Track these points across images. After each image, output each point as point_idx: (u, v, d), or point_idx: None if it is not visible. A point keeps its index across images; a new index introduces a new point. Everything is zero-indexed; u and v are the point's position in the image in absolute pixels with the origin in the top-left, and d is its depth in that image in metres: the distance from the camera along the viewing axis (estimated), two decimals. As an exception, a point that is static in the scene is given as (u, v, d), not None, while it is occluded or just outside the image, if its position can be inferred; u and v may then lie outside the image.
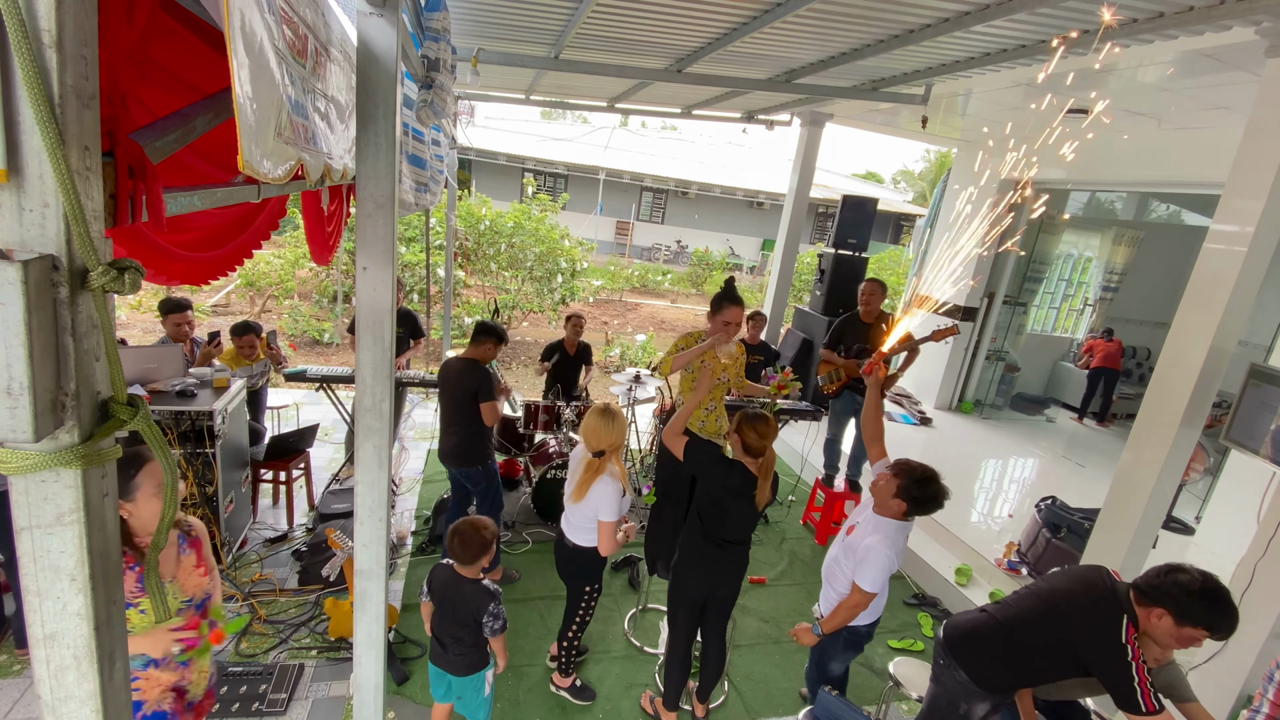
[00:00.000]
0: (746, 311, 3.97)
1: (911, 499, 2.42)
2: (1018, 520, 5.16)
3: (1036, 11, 2.99)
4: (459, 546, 2.32)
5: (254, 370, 4.44)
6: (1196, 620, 1.93)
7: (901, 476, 2.45)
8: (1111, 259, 8.65)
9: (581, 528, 2.84)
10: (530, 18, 3.94)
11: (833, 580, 2.68)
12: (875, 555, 2.41)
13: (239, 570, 3.73)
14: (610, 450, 2.76)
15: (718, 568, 2.74)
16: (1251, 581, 2.89)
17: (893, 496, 2.45)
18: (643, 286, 16.81)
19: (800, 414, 5.28)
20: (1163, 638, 2.00)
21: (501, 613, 2.36)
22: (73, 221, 0.68)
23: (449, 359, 3.71)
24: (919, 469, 2.45)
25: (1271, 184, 2.86)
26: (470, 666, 2.43)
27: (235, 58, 0.81)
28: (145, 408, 0.81)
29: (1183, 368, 3.15)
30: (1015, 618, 2.25)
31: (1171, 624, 1.96)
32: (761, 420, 2.58)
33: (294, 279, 9.52)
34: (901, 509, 2.46)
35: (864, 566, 2.43)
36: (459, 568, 2.37)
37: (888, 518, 2.50)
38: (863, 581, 2.43)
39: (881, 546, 2.42)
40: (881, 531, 2.46)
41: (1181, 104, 4.60)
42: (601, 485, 2.72)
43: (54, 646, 0.77)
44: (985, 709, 2.33)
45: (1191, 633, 1.95)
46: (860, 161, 71.75)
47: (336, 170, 1.55)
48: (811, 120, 6.69)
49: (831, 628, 2.54)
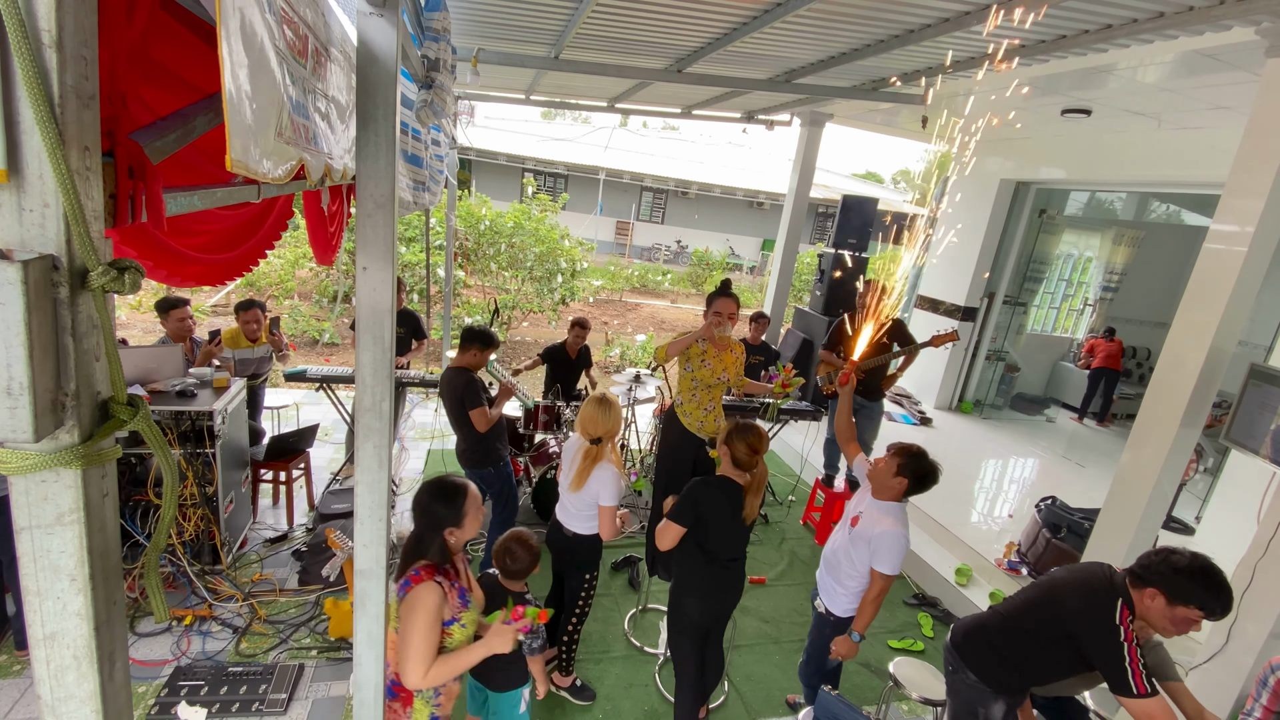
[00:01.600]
0: (748, 312, 3.96)
1: (911, 473, 2.51)
2: (1018, 520, 5.16)
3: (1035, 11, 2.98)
4: (509, 562, 2.32)
5: (255, 354, 4.46)
6: (1188, 599, 1.93)
7: (901, 455, 2.55)
8: (1111, 259, 8.65)
9: (580, 515, 2.86)
10: (530, 18, 3.94)
11: (836, 572, 2.68)
12: (891, 538, 2.48)
13: (239, 570, 3.73)
14: (606, 437, 2.79)
15: (721, 588, 2.65)
16: (1251, 581, 2.89)
17: (894, 475, 2.54)
18: (643, 286, 16.81)
19: (800, 414, 5.28)
20: (1158, 620, 2.00)
21: (542, 631, 2.32)
22: (73, 221, 0.69)
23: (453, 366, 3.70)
24: (914, 447, 2.58)
25: (1271, 184, 2.86)
26: (508, 681, 2.39)
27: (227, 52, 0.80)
28: (145, 408, 0.81)
29: (1183, 368, 3.15)
30: (1016, 609, 2.28)
31: (1164, 604, 1.97)
32: (752, 433, 2.51)
33: (294, 279, 9.52)
34: (902, 487, 2.53)
35: (882, 552, 2.49)
36: (505, 580, 2.37)
37: (889, 500, 2.57)
38: (884, 566, 2.49)
39: (896, 528, 2.49)
40: (892, 515, 2.53)
41: (1181, 104, 4.60)
42: (601, 471, 2.76)
43: (54, 646, 0.77)
44: (1002, 710, 2.33)
45: (1185, 613, 1.95)
46: (860, 161, 71.75)
47: (337, 170, 1.55)
48: (811, 120, 6.69)
49: (866, 625, 2.58)
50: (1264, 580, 2.86)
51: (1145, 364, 9.04)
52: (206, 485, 3.52)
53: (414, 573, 1.86)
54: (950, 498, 5.42)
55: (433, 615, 1.79)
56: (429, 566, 1.87)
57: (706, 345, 3.56)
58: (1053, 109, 5.28)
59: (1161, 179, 5.90)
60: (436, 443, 5.81)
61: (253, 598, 3.50)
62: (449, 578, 1.88)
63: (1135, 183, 6.61)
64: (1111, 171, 6.14)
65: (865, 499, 2.67)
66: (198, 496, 3.49)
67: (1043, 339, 9.11)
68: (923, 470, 2.51)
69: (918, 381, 8.05)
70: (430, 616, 1.79)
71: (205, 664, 3.02)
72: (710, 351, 3.57)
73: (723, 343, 3.56)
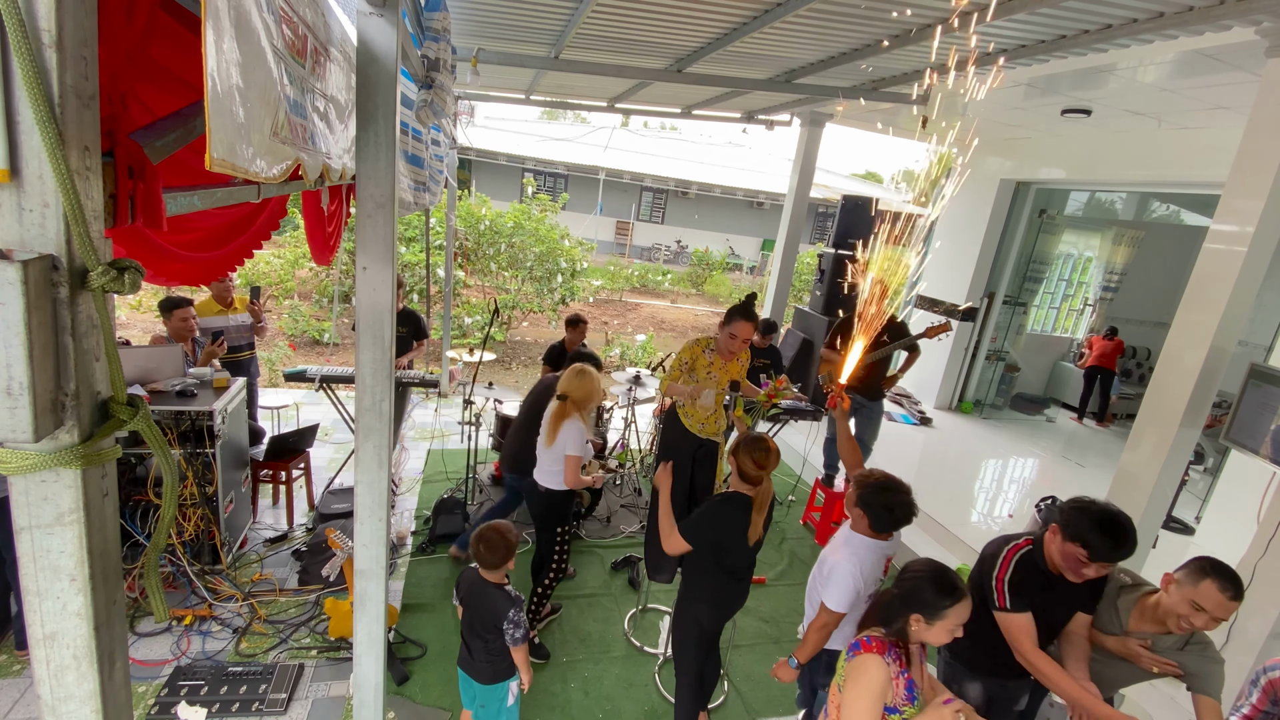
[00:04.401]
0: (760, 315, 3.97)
1: (866, 505, 2.24)
2: (1018, 520, 5.15)
3: (1036, 11, 2.99)
4: (485, 551, 2.33)
5: (231, 322, 4.53)
6: (1075, 534, 2.01)
7: (857, 485, 2.29)
8: (1111, 259, 8.65)
9: (552, 471, 3.17)
10: (530, 18, 3.94)
11: (810, 597, 2.48)
12: (839, 572, 2.23)
13: (239, 570, 3.73)
14: (573, 399, 3.13)
15: (732, 598, 2.62)
16: (1251, 581, 2.89)
17: (852, 505, 2.30)
18: (643, 286, 16.81)
19: (800, 414, 5.28)
20: (1055, 555, 2.11)
21: (523, 621, 2.33)
22: (73, 221, 0.69)
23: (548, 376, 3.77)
24: (878, 476, 2.29)
25: (1271, 184, 2.86)
26: (494, 675, 2.41)
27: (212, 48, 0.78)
28: (145, 408, 0.81)
29: (1183, 368, 3.15)
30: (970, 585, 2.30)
31: (1060, 539, 2.07)
32: (759, 448, 2.40)
33: (294, 279, 9.52)
34: (863, 520, 2.27)
35: (829, 584, 2.25)
36: (484, 572, 2.38)
37: (858, 532, 2.32)
38: (829, 600, 2.23)
39: (846, 563, 2.22)
40: (850, 546, 2.27)
41: (1181, 104, 4.60)
42: (568, 425, 3.11)
43: (54, 646, 0.77)
44: (978, 691, 2.35)
45: (1073, 549, 2.02)
46: (860, 161, 71.73)
47: (335, 170, 1.55)
48: (811, 120, 6.69)
49: (806, 655, 2.34)
50: (1264, 580, 2.87)
51: (1145, 364, 9.04)
52: (206, 485, 3.52)
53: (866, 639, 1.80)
54: (950, 498, 5.42)
55: (876, 694, 1.72)
56: (883, 641, 1.79)
57: (714, 356, 3.57)
58: (1053, 109, 5.28)
59: (1161, 179, 5.90)
60: (436, 443, 5.81)
61: (253, 598, 3.50)
62: (900, 663, 1.77)
63: (1135, 183, 6.61)
64: (1111, 171, 6.14)
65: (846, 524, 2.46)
66: (198, 496, 3.49)
67: (1042, 339, 9.11)
68: (879, 504, 2.21)
69: (917, 381, 8.05)
70: (875, 694, 1.72)
71: (205, 664, 3.02)
72: (717, 362, 3.58)
73: (728, 354, 3.57)
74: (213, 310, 4.54)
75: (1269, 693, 2.17)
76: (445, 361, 5.35)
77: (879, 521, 2.25)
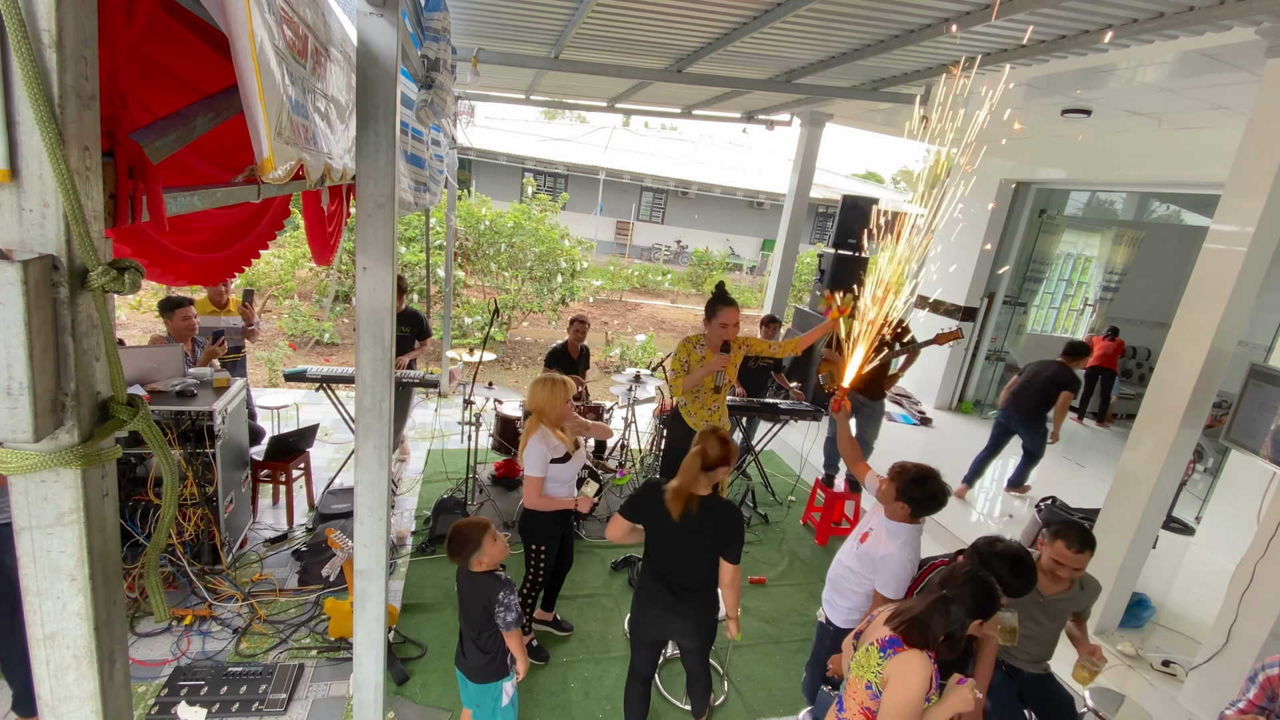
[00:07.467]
0: (749, 313, 3.97)
1: (911, 499, 2.44)
2: (1018, 520, 5.15)
3: (1036, 12, 2.99)
4: (455, 548, 2.34)
5: (223, 324, 4.56)
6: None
7: (898, 479, 2.48)
8: (1111, 259, 8.65)
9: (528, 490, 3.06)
10: (530, 18, 3.94)
11: (841, 588, 2.64)
12: (895, 562, 2.44)
13: (239, 570, 3.73)
14: (537, 412, 2.98)
15: (671, 614, 2.51)
16: (1251, 581, 2.89)
17: (894, 500, 2.48)
18: (643, 286, 16.81)
19: (800, 414, 5.28)
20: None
21: (514, 604, 2.30)
22: (73, 221, 0.68)
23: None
24: (913, 469, 2.48)
25: (1271, 184, 2.86)
26: (486, 674, 2.39)
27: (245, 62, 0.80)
28: (145, 408, 0.81)
29: (1183, 368, 3.15)
30: None
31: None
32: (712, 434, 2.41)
33: (294, 279, 9.52)
34: (906, 511, 2.47)
35: (885, 574, 2.46)
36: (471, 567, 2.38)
37: (899, 521, 2.51)
38: (886, 589, 2.46)
39: (901, 552, 2.45)
40: (900, 538, 2.48)
41: (1181, 104, 4.60)
42: (531, 443, 2.95)
43: (54, 646, 0.77)
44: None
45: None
46: (860, 161, 71.74)
47: (336, 170, 1.55)
48: (811, 120, 6.69)
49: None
50: (1264, 580, 2.87)
51: (1145, 364, 9.03)
52: (206, 485, 3.52)
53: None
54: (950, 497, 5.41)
55: (923, 691, 1.76)
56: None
57: (704, 351, 3.59)
58: (1053, 109, 5.28)
59: (1161, 179, 5.90)
60: (437, 443, 5.81)
61: (253, 598, 3.50)
62: (932, 655, 1.83)
63: (1135, 183, 6.61)
64: (1111, 171, 6.14)
65: (878, 516, 2.61)
66: (198, 496, 3.49)
67: (1043, 339, 9.09)
68: (922, 495, 2.43)
69: (918, 381, 8.05)
70: (922, 691, 1.76)
71: (205, 664, 3.02)
72: (709, 356, 3.59)
73: (716, 346, 3.58)
74: (206, 311, 4.54)
75: (1266, 689, 2.19)
76: (445, 361, 5.36)
77: (922, 509, 2.47)
